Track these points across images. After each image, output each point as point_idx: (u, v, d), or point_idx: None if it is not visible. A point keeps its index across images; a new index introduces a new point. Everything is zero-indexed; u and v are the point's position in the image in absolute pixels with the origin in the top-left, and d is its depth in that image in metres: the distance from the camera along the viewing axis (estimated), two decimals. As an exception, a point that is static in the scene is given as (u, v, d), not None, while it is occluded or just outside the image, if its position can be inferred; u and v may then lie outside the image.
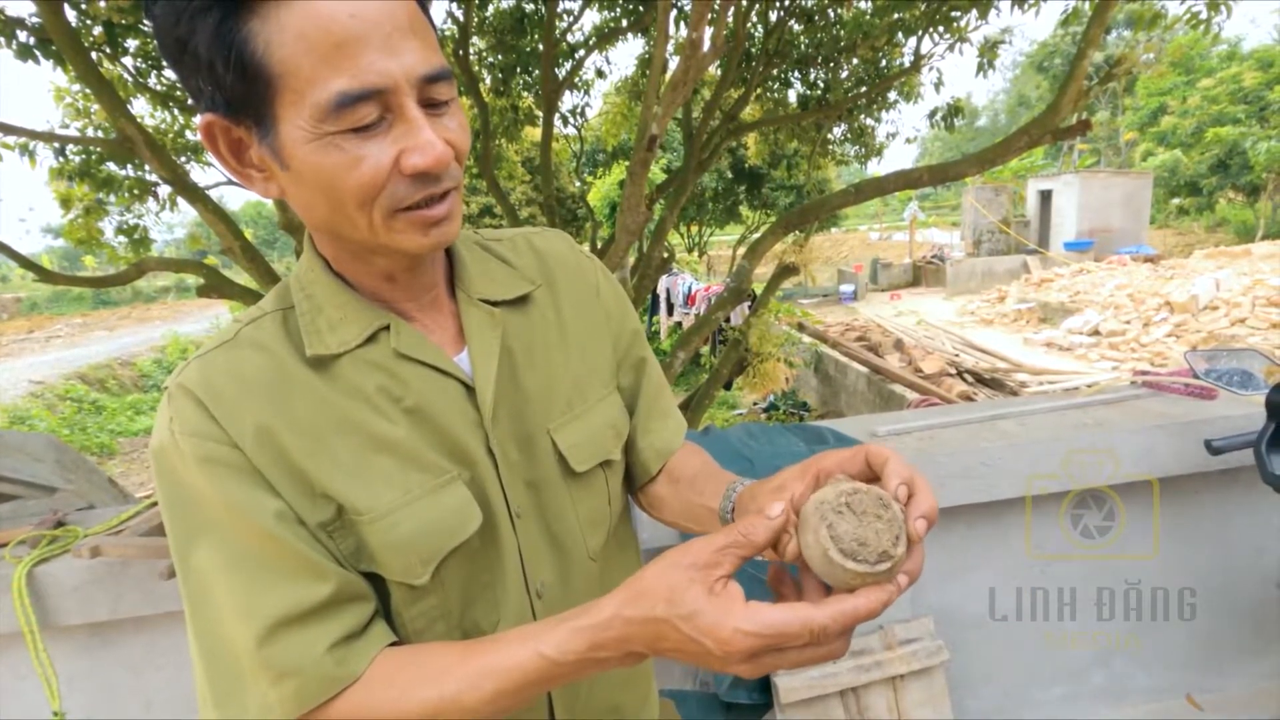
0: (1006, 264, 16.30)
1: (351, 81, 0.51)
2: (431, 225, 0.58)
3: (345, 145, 0.53)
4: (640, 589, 0.52)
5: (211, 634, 0.59)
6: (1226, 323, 9.69)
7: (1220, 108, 20.88)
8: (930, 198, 37.04)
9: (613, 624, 0.53)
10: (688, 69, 2.70)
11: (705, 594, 0.50)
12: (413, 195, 0.56)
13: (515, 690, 0.55)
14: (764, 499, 0.60)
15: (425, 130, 0.54)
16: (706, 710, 1.55)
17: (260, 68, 0.51)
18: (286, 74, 0.51)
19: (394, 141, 0.54)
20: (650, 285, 4.75)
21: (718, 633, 0.48)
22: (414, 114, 0.54)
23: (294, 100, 0.51)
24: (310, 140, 0.53)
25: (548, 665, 0.54)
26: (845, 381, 8.51)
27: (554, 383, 0.73)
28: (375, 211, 0.56)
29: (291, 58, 0.50)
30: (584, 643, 0.53)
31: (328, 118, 0.51)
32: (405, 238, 0.58)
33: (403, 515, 0.61)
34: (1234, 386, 1.72)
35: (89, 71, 2.87)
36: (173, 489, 0.59)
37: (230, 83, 0.52)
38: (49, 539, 1.36)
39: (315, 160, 0.53)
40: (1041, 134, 3.19)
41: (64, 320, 23.90)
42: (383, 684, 0.58)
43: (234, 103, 0.53)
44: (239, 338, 0.63)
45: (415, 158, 0.54)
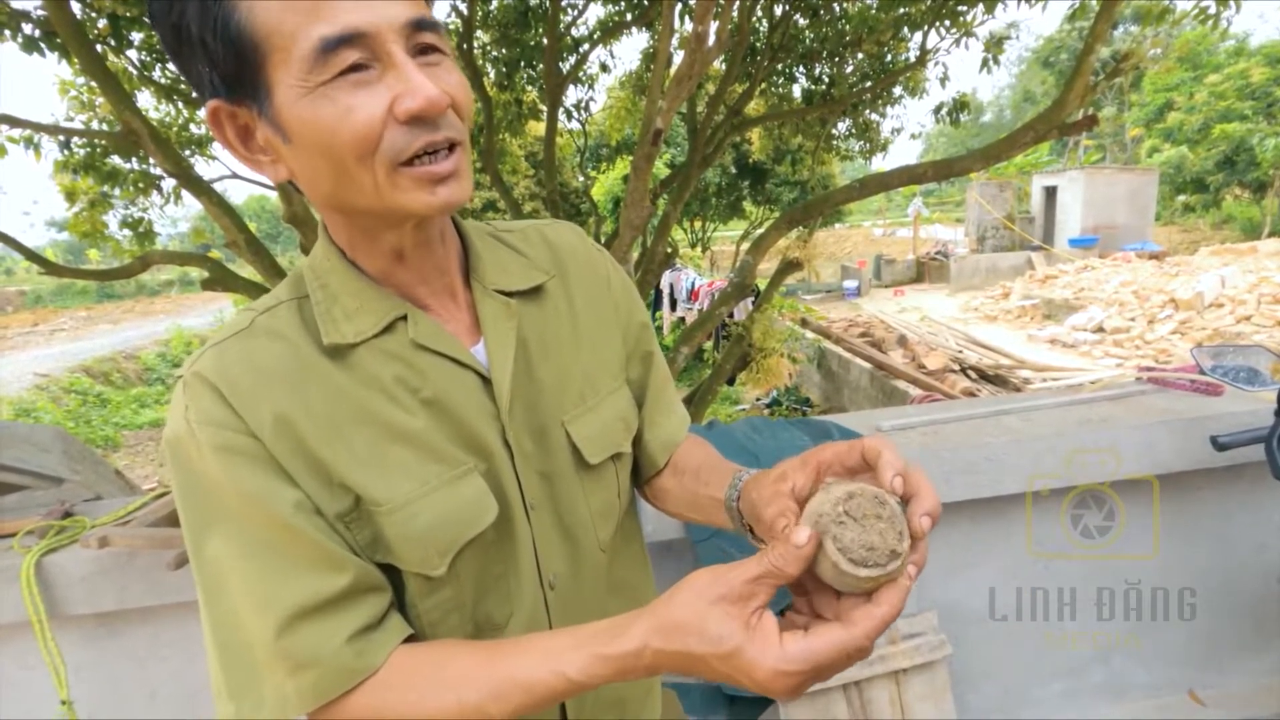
0: (1010, 260, 16.24)
1: (332, 25, 0.51)
2: (438, 183, 0.57)
3: (336, 96, 0.53)
4: (673, 621, 0.52)
5: (226, 624, 0.59)
6: (1231, 320, 9.66)
7: (1227, 104, 20.75)
8: (934, 194, 36.94)
9: (643, 654, 0.53)
10: (692, 63, 2.70)
11: (743, 629, 0.50)
12: (411, 143, 0.55)
13: (536, 705, 0.56)
14: (768, 490, 0.60)
15: (415, 74, 0.54)
16: (709, 702, 1.55)
17: (246, 34, 0.52)
18: (270, 33, 0.52)
19: (387, 89, 0.54)
20: (653, 280, 4.75)
21: (756, 672, 0.49)
22: (402, 59, 0.54)
23: (282, 59, 0.52)
24: (302, 95, 0.53)
25: (573, 687, 0.55)
26: (848, 377, 8.50)
27: (567, 374, 0.73)
28: (377, 166, 0.55)
29: (274, 17, 0.51)
30: (612, 670, 0.54)
31: (314, 66, 0.52)
32: (411, 196, 0.56)
33: (420, 507, 0.61)
34: (1240, 383, 1.71)
35: (94, 64, 2.88)
36: (188, 478, 0.59)
37: (222, 56, 0.53)
38: (57, 529, 1.37)
39: (310, 116, 0.53)
40: (1047, 129, 3.18)
41: (68, 314, 23.98)
42: (402, 686, 0.58)
43: (230, 79, 0.54)
44: (254, 326, 0.62)
45: (407, 101, 0.53)
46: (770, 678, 0.49)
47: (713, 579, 0.52)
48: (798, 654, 0.49)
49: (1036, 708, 1.77)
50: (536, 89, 6.01)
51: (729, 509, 0.70)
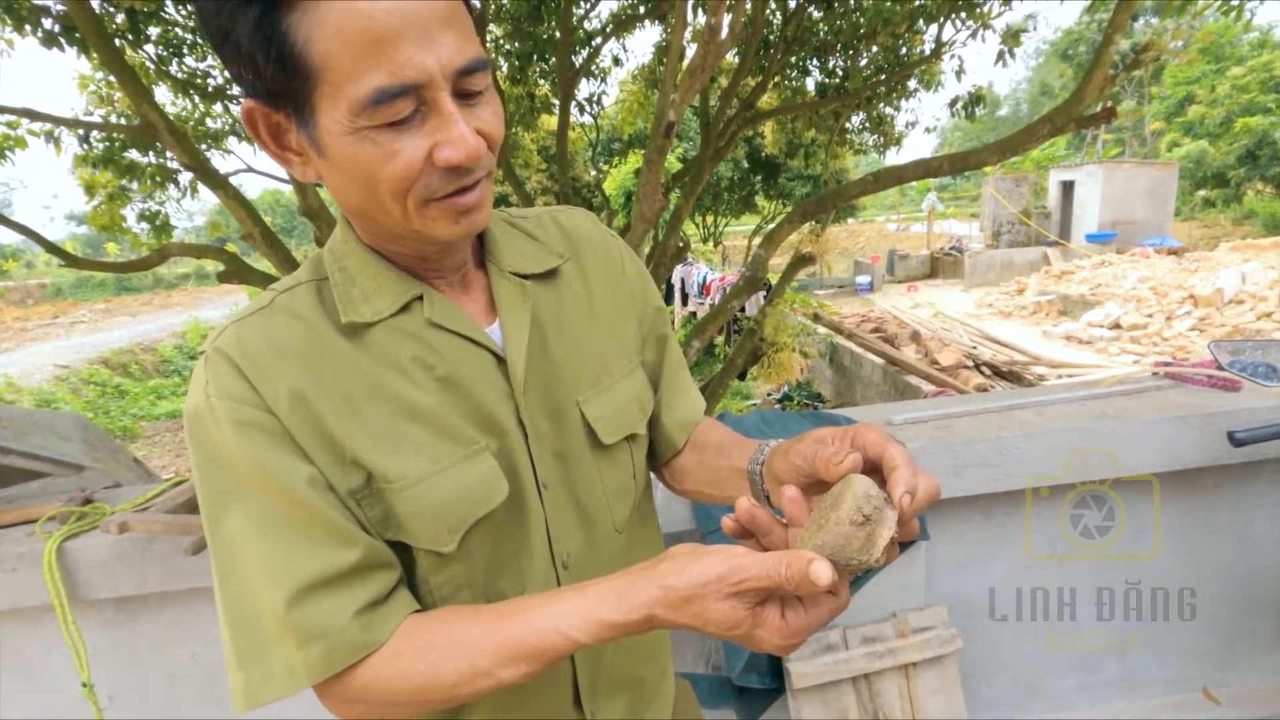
0: (1026, 256, 16.07)
1: (389, 78, 0.51)
2: (463, 214, 0.59)
3: (380, 139, 0.54)
4: (681, 598, 0.53)
5: (238, 595, 0.60)
6: (1252, 317, 9.51)
7: (1250, 97, 20.40)
8: (949, 188, 36.59)
9: (649, 623, 0.55)
10: (705, 55, 2.69)
11: (750, 617, 0.53)
12: (445, 187, 0.57)
13: (545, 665, 0.58)
14: (807, 445, 0.62)
15: (459, 124, 0.55)
16: (718, 693, 1.56)
17: (299, 61, 0.51)
18: (325, 68, 0.51)
19: (428, 135, 0.54)
20: (665, 274, 4.74)
21: (763, 645, 0.53)
22: (448, 108, 0.54)
23: (331, 94, 0.52)
24: (346, 133, 0.54)
25: (579, 648, 0.57)
26: (860, 373, 8.46)
27: (582, 356, 0.74)
28: (409, 201, 0.57)
29: (330, 52, 0.51)
30: (617, 635, 0.56)
31: (363, 112, 0.52)
32: (437, 225, 0.59)
33: (432, 484, 0.62)
34: (1259, 378, 1.69)
35: (112, 58, 2.91)
36: (206, 452, 0.60)
37: (270, 74, 0.53)
38: (78, 515, 1.40)
39: (351, 152, 0.54)
40: (1065, 121, 3.14)
41: (87, 306, 24.31)
42: (412, 655, 0.60)
43: (274, 93, 0.54)
44: (274, 305, 0.64)
45: (448, 151, 0.55)
46: (777, 647, 0.54)
47: (720, 575, 0.52)
48: (799, 625, 0.53)
49: (1048, 702, 1.76)
50: (549, 82, 6.01)
51: (751, 478, 0.71)
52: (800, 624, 0.53)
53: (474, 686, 0.58)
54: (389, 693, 0.60)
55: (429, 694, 0.59)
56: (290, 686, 0.58)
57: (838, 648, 1.58)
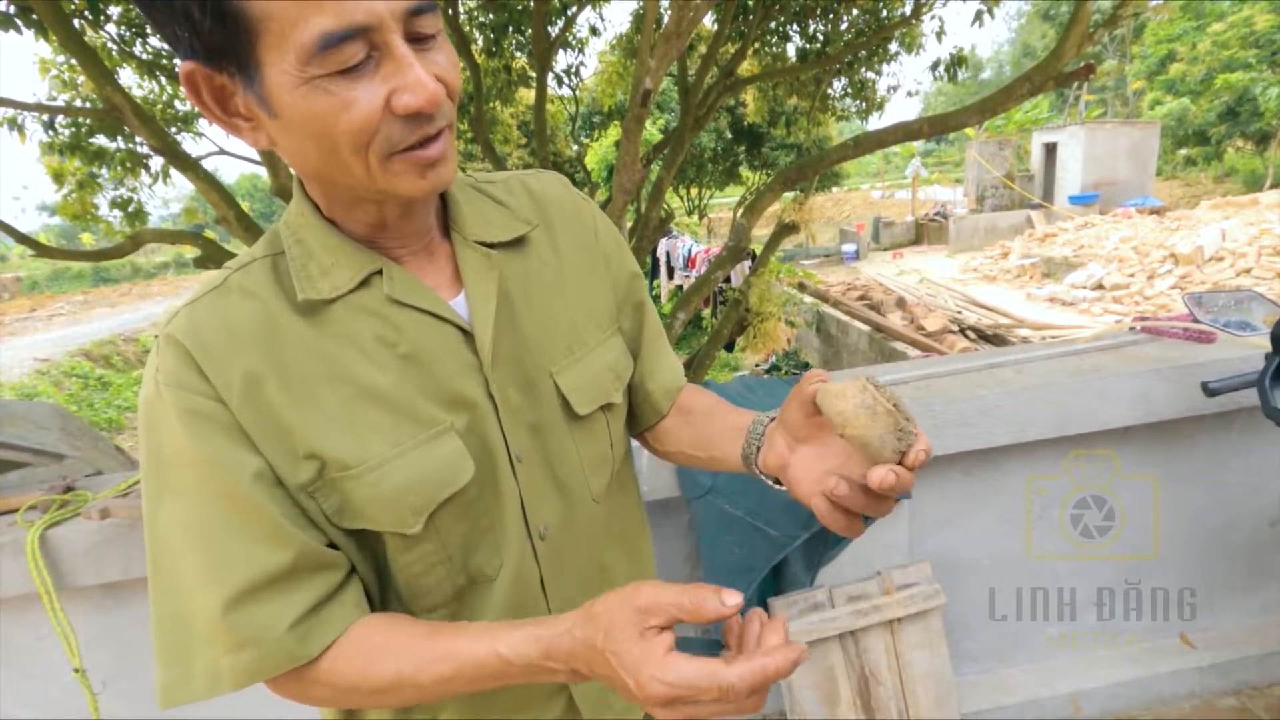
0: (1010, 219, 16.13)
1: (335, 20, 0.48)
2: (428, 167, 0.57)
3: (333, 88, 0.51)
4: (594, 612, 0.54)
5: (166, 591, 0.59)
6: (1232, 273, 9.63)
7: (1230, 53, 20.34)
8: (933, 154, 36.48)
9: (563, 639, 0.55)
10: (680, 20, 2.65)
11: (636, 638, 0.52)
12: (408, 137, 0.54)
13: (469, 680, 0.58)
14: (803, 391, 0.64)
15: (415, 68, 0.52)
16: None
17: (239, 12, 0.48)
18: (266, 16, 0.48)
19: (383, 81, 0.52)
20: (649, 246, 4.72)
21: (637, 676, 0.51)
22: (401, 51, 0.52)
23: (276, 43, 0.49)
24: (297, 85, 0.51)
25: (501, 664, 0.57)
26: (847, 341, 8.51)
27: (554, 325, 0.72)
28: (371, 155, 0.54)
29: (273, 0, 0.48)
30: (537, 650, 0.56)
31: (313, 60, 0.49)
32: (402, 180, 0.56)
33: (392, 469, 0.61)
34: (1232, 329, 1.71)
35: (71, 39, 2.82)
36: (152, 442, 0.59)
37: (209, 28, 0.49)
38: (59, 503, 1.39)
39: (304, 106, 0.51)
40: (1044, 79, 3.13)
41: (65, 298, 23.91)
42: (347, 656, 0.60)
43: (214, 50, 0.51)
44: (228, 284, 0.61)
45: (407, 97, 0.52)
46: (647, 682, 0.50)
47: (637, 588, 0.53)
48: (672, 671, 0.50)
49: (1031, 652, 1.81)
50: (525, 55, 5.90)
51: (746, 460, 0.73)
52: (678, 672, 0.50)
53: (400, 694, 0.59)
54: (317, 697, 0.62)
55: (355, 697, 0.61)
56: (213, 690, 0.58)
57: (824, 606, 1.61)
